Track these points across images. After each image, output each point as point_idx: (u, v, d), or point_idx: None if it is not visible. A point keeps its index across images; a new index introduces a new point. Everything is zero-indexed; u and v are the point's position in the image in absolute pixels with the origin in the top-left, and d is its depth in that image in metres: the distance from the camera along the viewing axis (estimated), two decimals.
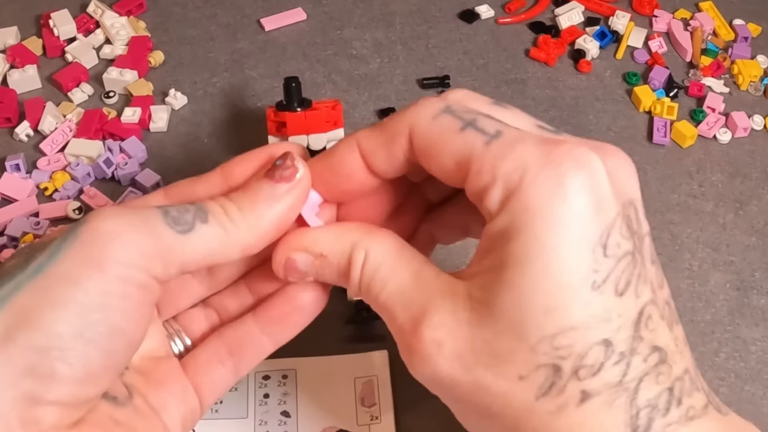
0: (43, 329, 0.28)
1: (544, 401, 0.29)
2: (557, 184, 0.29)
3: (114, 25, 0.66)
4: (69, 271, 0.29)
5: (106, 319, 0.29)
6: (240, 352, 0.35)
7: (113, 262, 0.29)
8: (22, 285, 0.29)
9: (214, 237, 0.31)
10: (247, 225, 0.32)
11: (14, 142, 0.59)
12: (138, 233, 0.30)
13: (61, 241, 0.30)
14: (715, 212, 0.56)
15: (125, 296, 0.29)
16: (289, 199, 0.33)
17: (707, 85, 0.64)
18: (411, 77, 0.64)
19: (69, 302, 0.28)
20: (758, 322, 0.50)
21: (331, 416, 0.45)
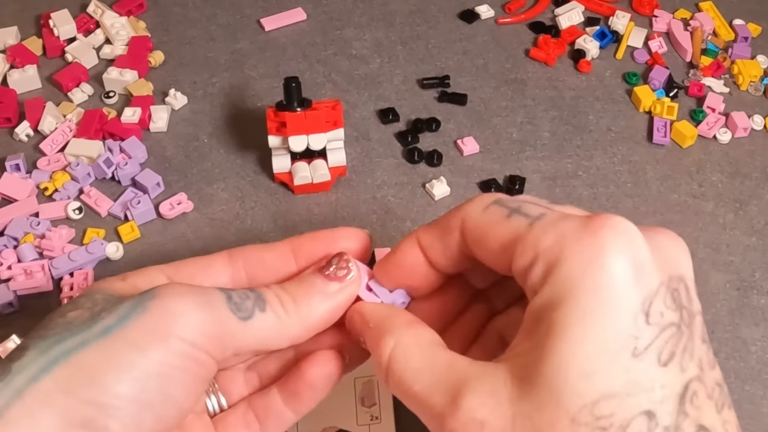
0: (103, 387, 0.30)
1: None
2: (596, 251, 0.29)
3: (114, 25, 0.66)
4: (135, 339, 0.31)
5: (163, 387, 0.31)
6: (266, 420, 0.37)
7: (177, 338, 0.31)
8: (89, 343, 0.31)
9: (269, 326, 0.33)
10: (299, 318, 0.34)
11: (14, 142, 0.59)
12: (203, 315, 0.32)
13: (131, 309, 0.31)
14: (715, 212, 0.56)
15: (184, 369, 0.32)
16: (340, 298, 0.35)
17: (707, 85, 0.64)
18: (411, 77, 0.64)
19: (131, 366, 0.30)
20: (758, 322, 0.50)
21: (331, 416, 0.45)
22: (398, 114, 0.61)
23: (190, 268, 0.37)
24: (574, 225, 0.29)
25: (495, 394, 0.29)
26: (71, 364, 0.30)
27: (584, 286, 0.28)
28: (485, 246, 0.32)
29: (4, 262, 0.51)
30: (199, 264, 0.37)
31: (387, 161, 0.58)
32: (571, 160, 0.59)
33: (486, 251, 0.32)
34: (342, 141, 0.55)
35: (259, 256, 0.37)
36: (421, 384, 0.32)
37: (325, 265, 0.35)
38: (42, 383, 0.30)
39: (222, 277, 0.37)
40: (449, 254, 0.34)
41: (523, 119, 0.61)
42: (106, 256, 0.52)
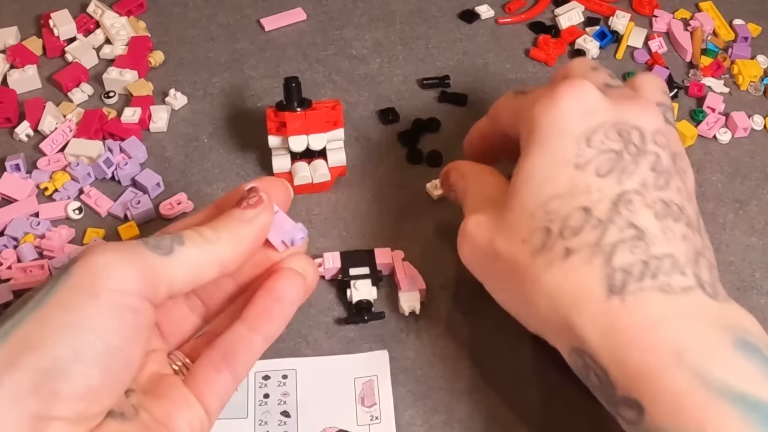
0: (44, 352, 0.31)
1: (539, 258, 0.38)
2: (553, 99, 0.40)
3: (114, 25, 0.66)
4: (65, 300, 0.32)
5: (102, 340, 0.32)
6: (233, 354, 0.37)
7: (106, 290, 0.32)
8: (24, 318, 0.32)
9: (192, 257, 0.35)
10: (223, 243, 0.36)
11: (14, 142, 0.59)
12: (125, 261, 0.33)
13: (57, 277, 0.33)
14: (715, 212, 0.56)
15: (119, 318, 0.32)
16: (257, 221, 0.37)
17: (707, 85, 0.64)
18: (411, 77, 0.64)
19: (67, 327, 0.31)
20: (758, 322, 0.50)
21: (331, 416, 0.45)
22: (398, 114, 0.61)
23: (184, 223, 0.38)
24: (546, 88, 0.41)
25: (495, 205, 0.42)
26: (10, 343, 0.31)
27: (543, 122, 0.40)
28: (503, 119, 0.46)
29: (4, 262, 0.51)
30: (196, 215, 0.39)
31: (387, 161, 0.58)
32: None
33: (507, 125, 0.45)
34: (342, 141, 0.55)
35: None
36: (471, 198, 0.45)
37: (239, 200, 0.38)
38: None
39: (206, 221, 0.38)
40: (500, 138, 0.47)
41: None
42: None
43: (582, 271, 0.37)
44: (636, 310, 0.36)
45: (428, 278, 0.50)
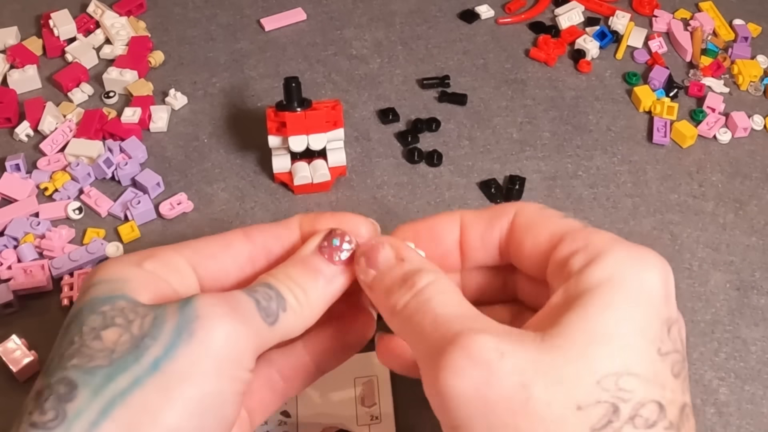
0: (164, 426, 0.29)
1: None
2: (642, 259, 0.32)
3: (114, 25, 0.66)
4: (187, 371, 0.30)
5: (218, 413, 0.31)
6: (293, 377, 0.38)
7: (226, 363, 0.31)
8: (142, 380, 0.30)
9: (290, 324, 0.34)
10: (310, 308, 0.34)
11: (14, 142, 0.59)
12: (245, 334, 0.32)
13: (176, 336, 0.31)
14: (715, 212, 0.56)
15: (233, 392, 0.32)
16: (341, 280, 0.35)
17: (707, 85, 0.64)
18: (411, 77, 0.64)
19: (188, 401, 0.30)
20: (758, 322, 0.50)
21: (331, 416, 0.45)
22: (398, 114, 0.61)
23: (210, 248, 0.36)
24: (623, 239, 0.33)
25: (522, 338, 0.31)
26: (128, 405, 0.29)
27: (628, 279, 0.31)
28: (532, 234, 0.35)
29: (4, 262, 0.51)
30: (218, 243, 0.36)
31: (387, 161, 0.58)
32: (571, 160, 0.59)
33: (531, 240, 0.35)
34: (342, 141, 0.55)
35: (274, 233, 0.37)
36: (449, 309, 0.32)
37: (327, 247, 0.35)
38: (102, 429, 0.29)
39: (242, 255, 0.36)
40: (487, 239, 0.37)
41: (523, 119, 0.61)
42: (106, 256, 0.52)
43: None
44: None
45: None
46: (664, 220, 0.55)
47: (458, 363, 0.30)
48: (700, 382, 0.47)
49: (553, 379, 0.29)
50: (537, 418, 0.29)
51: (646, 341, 0.30)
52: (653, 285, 0.32)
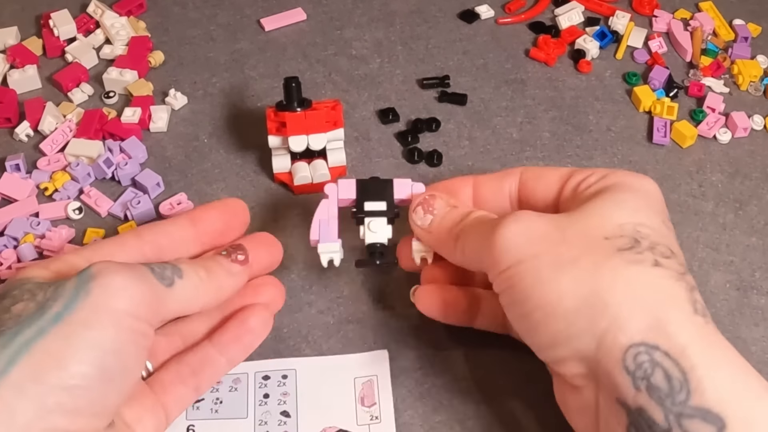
0: (69, 371, 0.32)
1: (625, 254, 0.36)
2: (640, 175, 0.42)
3: (114, 25, 0.66)
4: (87, 320, 0.33)
5: (120, 361, 0.34)
6: (201, 372, 0.42)
7: (124, 313, 0.34)
8: (46, 330, 0.33)
9: (188, 292, 0.38)
10: (211, 286, 0.40)
11: (14, 142, 0.59)
12: (140, 287, 0.35)
13: (75, 293, 0.34)
14: (715, 212, 0.56)
15: (134, 341, 0.35)
16: (240, 277, 0.42)
17: (707, 85, 0.64)
18: (411, 77, 0.64)
19: (90, 347, 0.33)
20: (758, 322, 0.50)
21: (331, 416, 0.45)
22: (398, 114, 0.61)
23: (107, 248, 0.40)
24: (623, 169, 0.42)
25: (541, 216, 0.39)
26: (34, 353, 0.32)
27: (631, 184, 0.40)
28: (544, 178, 0.43)
29: (4, 262, 0.51)
30: (113, 243, 0.41)
31: (387, 161, 0.58)
32: (571, 160, 0.59)
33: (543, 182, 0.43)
34: (342, 141, 0.55)
35: (162, 229, 0.42)
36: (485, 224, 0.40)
37: (229, 251, 0.42)
38: (11, 375, 0.32)
39: (134, 251, 0.40)
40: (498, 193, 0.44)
41: (523, 119, 0.61)
42: None
43: (670, 282, 0.36)
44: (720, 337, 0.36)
45: None
46: None
47: (508, 222, 0.38)
48: None
49: (582, 224, 0.38)
50: (572, 244, 0.37)
51: (654, 212, 0.39)
52: (650, 188, 0.41)
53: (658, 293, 0.36)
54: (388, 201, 0.45)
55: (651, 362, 0.34)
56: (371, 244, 0.45)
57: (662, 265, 0.36)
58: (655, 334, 0.34)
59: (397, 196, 0.45)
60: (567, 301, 0.36)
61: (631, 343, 0.35)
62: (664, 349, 0.34)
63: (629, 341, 0.35)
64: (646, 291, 0.35)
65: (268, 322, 0.44)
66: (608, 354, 0.35)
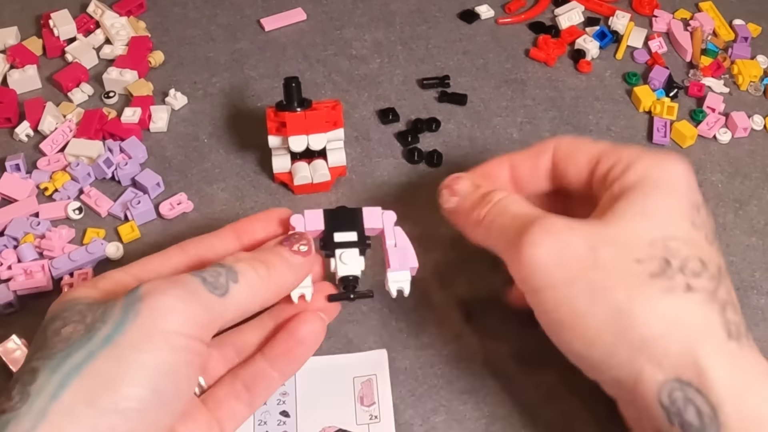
0: (121, 393, 0.32)
1: (658, 281, 0.36)
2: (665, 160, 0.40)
3: (114, 25, 0.66)
4: (137, 342, 0.33)
5: (173, 383, 0.33)
6: (254, 386, 0.41)
7: (175, 334, 0.33)
8: (95, 354, 0.32)
9: (244, 295, 0.37)
10: (272, 282, 0.38)
11: (14, 142, 0.59)
12: (191, 306, 0.34)
13: (123, 315, 0.33)
14: (715, 212, 0.56)
15: (187, 362, 0.34)
16: (302, 270, 0.40)
17: (707, 85, 0.64)
18: (411, 77, 0.64)
19: (141, 369, 0.32)
20: (758, 322, 0.50)
21: (330, 416, 0.45)
22: (398, 114, 0.61)
23: (153, 265, 0.39)
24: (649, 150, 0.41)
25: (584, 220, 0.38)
26: (85, 377, 0.31)
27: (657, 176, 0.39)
28: (573, 160, 0.43)
29: (4, 262, 0.51)
30: (158, 259, 0.40)
31: (387, 161, 0.58)
32: None
33: (573, 164, 0.43)
34: (342, 141, 0.55)
35: (207, 242, 0.41)
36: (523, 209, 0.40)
37: (288, 240, 0.40)
38: (63, 399, 0.31)
39: (179, 267, 0.40)
40: (534, 173, 0.44)
41: (523, 119, 0.61)
42: (106, 256, 0.52)
43: (704, 308, 0.36)
44: (753, 359, 0.36)
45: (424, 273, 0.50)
46: None
47: (537, 237, 0.37)
48: None
49: (615, 244, 0.37)
50: (605, 270, 0.36)
51: (680, 217, 0.38)
52: (678, 177, 0.39)
53: (691, 324, 0.36)
54: (359, 231, 0.43)
55: (684, 399, 0.35)
56: (344, 277, 0.42)
57: (694, 288, 0.36)
58: (688, 370, 0.35)
59: (368, 226, 0.43)
60: (606, 334, 0.36)
61: (665, 380, 0.35)
62: (696, 386, 0.35)
63: (664, 378, 0.35)
64: (680, 322, 0.36)
65: (320, 331, 0.42)
66: (646, 388, 0.36)
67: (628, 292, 0.36)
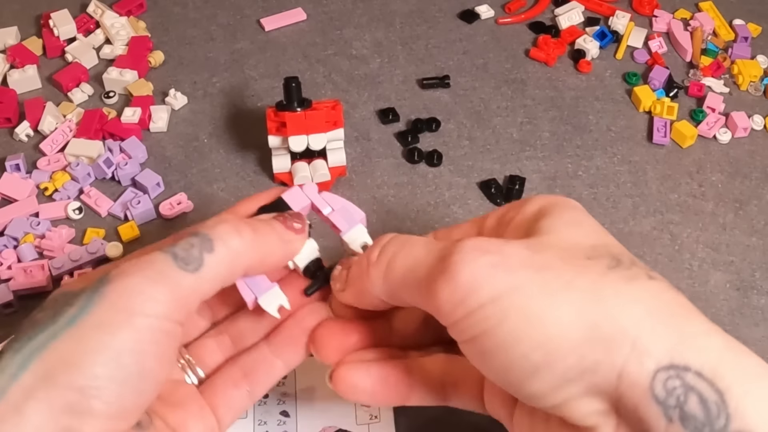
0: (82, 371, 0.31)
1: (618, 271, 0.32)
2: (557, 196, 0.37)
3: (114, 25, 0.66)
4: (101, 322, 0.32)
5: (137, 363, 0.32)
6: (254, 374, 0.39)
7: (140, 315, 0.32)
8: (59, 333, 0.32)
9: (222, 263, 0.35)
10: (257, 247, 0.36)
11: (14, 142, 0.59)
12: (157, 285, 0.33)
13: (89, 298, 0.33)
14: (715, 212, 0.56)
15: (154, 342, 0.33)
16: (292, 246, 0.38)
17: (707, 85, 0.64)
18: (411, 77, 0.64)
19: (104, 348, 0.32)
20: (758, 322, 0.50)
21: (330, 416, 0.45)
22: (398, 114, 0.61)
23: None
24: None
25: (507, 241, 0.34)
26: (46, 357, 0.31)
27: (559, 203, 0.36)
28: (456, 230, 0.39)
29: (4, 262, 0.51)
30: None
31: (387, 161, 0.58)
32: (571, 160, 0.59)
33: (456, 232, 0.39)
34: (342, 141, 0.55)
35: None
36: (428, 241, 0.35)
37: (283, 216, 0.38)
38: (22, 379, 0.31)
39: None
40: None
41: (523, 119, 0.61)
42: (106, 256, 0.52)
43: (675, 294, 0.33)
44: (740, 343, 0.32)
45: None
46: (664, 220, 0.55)
47: (468, 254, 0.32)
48: None
49: (557, 248, 0.33)
50: (558, 268, 0.32)
51: (606, 232, 0.36)
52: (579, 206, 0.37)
53: (672, 306, 0.32)
54: None
55: (684, 386, 0.30)
56: (306, 266, 0.40)
57: (655, 278, 0.33)
58: (684, 352, 0.30)
59: (296, 208, 0.40)
60: (573, 331, 0.31)
61: (658, 367, 0.30)
62: (696, 369, 0.30)
63: (656, 365, 0.30)
64: (658, 306, 0.32)
65: None
66: (633, 384, 0.30)
67: (591, 282, 0.32)
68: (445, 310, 0.32)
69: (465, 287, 0.32)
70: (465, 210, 0.55)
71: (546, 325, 0.31)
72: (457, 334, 0.33)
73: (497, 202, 0.56)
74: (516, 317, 0.31)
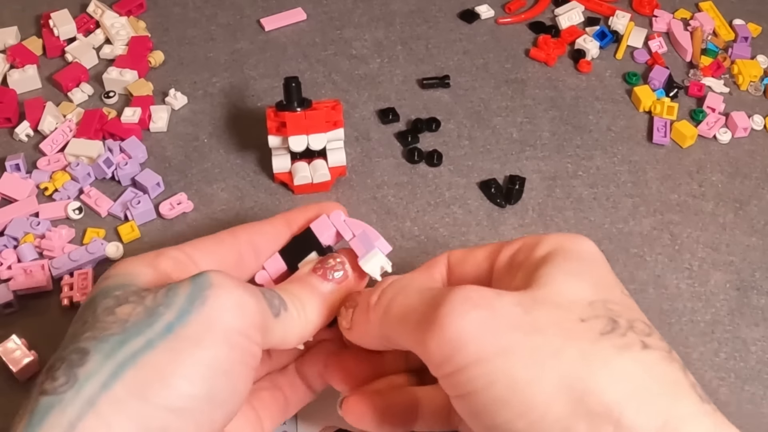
0: (176, 390, 0.29)
1: (610, 338, 0.31)
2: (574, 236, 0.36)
3: (114, 25, 0.66)
4: (198, 335, 0.30)
5: (229, 383, 0.31)
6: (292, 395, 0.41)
7: (236, 332, 0.31)
8: (154, 343, 0.30)
9: (290, 324, 0.36)
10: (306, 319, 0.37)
11: (14, 142, 0.59)
12: (254, 307, 0.33)
13: (189, 303, 0.31)
14: (715, 212, 0.56)
15: (244, 362, 0.32)
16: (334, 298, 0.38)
17: (707, 85, 0.64)
18: (411, 77, 0.64)
19: (199, 365, 0.30)
20: (758, 322, 0.50)
21: (330, 416, 0.45)
22: (398, 114, 0.61)
23: (206, 245, 0.38)
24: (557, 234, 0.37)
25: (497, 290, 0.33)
26: (140, 367, 0.29)
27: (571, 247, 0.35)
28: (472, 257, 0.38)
29: (4, 262, 0.51)
30: (211, 240, 0.38)
31: (387, 161, 0.58)
32: (571, 160, 0.59)
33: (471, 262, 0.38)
34: (342, 141, 0.55)
35: (258, 229, 0.40)
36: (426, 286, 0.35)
37: (320, 266, 0.38)
38: (114, 390, 0.29)
39: (231, 249, 0.38)
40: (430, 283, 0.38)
41: (523, 119, 0.61)
42: (106, 256, 0.52)
43: (668, 367, 0.31)
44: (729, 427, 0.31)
45: None
46: (664, 220, 0.55)
47: (458, 307, 0.31)
48: (700, 382, 0.47)
49: (551, 305, 0.32)
50: (548, 332, 0.31)
51: (610, 284, 0.34)
52: (593, 249, 0.35)
53: (660, 384, 0.31)
54: (317, 248, 0.41)
55: None
56: None
57: (650, 346, 0.31)
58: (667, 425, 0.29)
59: (325, 241, 0.41)
60: (557, 406, 0.30)
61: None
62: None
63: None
64: (646, 382, 0.30)
65: None
66: None
67: (580, 351, 0.30)
68: (434, 362, 0.32)
69: (452, 343, 0.31)
70: (465, 210, 0.55)
71: (530, 395, 0.30)
72: (446, 389, 0.32)
73: (497, 202, 0.56)
74: (502, 384, 0.30)
